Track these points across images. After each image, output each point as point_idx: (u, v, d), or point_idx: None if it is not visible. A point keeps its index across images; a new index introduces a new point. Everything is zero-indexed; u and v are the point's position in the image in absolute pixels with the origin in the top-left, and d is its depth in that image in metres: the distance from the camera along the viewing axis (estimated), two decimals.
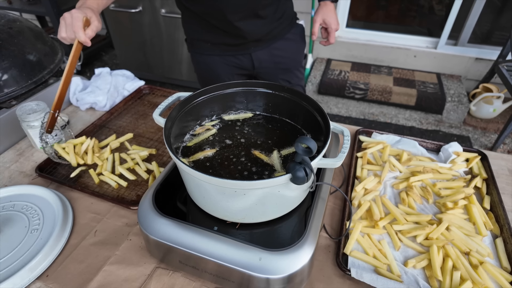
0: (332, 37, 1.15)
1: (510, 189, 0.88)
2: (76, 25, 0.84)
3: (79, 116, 1.19)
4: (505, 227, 0.74)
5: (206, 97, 0.77)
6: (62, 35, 0.87)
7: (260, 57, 1.21)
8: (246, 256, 0.57)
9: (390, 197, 0.84)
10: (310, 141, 0.50)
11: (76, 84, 1.23)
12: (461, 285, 0.63)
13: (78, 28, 0.85)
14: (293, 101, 0.76)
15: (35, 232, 0.75)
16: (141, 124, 1.14)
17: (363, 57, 3.00)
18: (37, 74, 1.06)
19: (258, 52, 1.19)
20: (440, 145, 0.97)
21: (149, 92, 1.31)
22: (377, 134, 1.02)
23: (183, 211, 0.71)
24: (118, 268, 0.70)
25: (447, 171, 0.89)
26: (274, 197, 0.59)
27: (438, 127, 2.57)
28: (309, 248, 0.59)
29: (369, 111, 2.73)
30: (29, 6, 3.04)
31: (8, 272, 0.67)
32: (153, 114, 0.71)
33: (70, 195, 0.86)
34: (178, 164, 0.58)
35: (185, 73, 2.99)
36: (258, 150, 0.72)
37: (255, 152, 0.71)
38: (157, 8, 2.65)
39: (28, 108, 0.96)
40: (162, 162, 0.96)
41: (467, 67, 2.78)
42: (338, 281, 0.67)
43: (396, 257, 0.70)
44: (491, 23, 2.83)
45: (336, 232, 0.77)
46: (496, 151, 1.92)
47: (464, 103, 2.55)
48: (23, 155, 1.01)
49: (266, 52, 1.20)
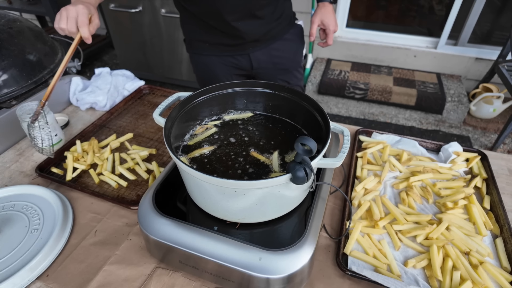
0: (330, 38, 1.15)
1: (510, 189, 0.88)
2: (82, 20, 0.83)
3: (79, 116, 1.19)
4: (505, 227, 0.74)
5: (206, 97, 0.77)
6: (61, 26, 0.84)
7: (258, 57, 1.20)
8: (246, 256, 0.57)
9: (390, 197, 0.84)
10: (310, 141, 0.50)
11: (76, 84, 1.23)
12: (461, 285, 0.63)
13: (83, 23, 0.83)
14: (293, 101, 0.76)
15: (35, 232, 0.75)
16: (141, 124, 1.14)
17: (363, 57, 3.00)
18: (37, 74, 1.06)
19: (256, 53, 1.19)
20: (440, 145, 0.97)
21: (149, 92, 1.31)
22: (377, 134, 1.02)
23: (183, 211, 0.71)
24: (118, 268, 0.70)
25: (447, 171, 0.89)
26: (274, 197, 0.59)
27: (438, 127, 2.57)
28: (309, 248, 0.59)
29: (369, 111, 2.73)
30: (29, 6, 3.04)
31: (8, 272, 0.67)
32: (153, 114, 0.71)
33: (70, 195, 0.86)
34: (178, 164, 0.58)
35: (185, 73, 2.99)
36: (256, 151, 0.72)
37: (253, 153, 0.71)
38: (157, 8, 2.65)
39: (28, 108, 0.96)
40: (162, 162, 0.96)
41: (467, 67, 2.78)
42: (338, 281, 0.67)
43: (396, 257, 0.70)
44: (491, 23, 2.83)
45: (336, 232, 0.77)
46: (496, 151, 1.92)
47: (464, 103, 2.55)
48: (23, 155, 1.01)
49: (264, 52, 1.20)
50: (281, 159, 0.70)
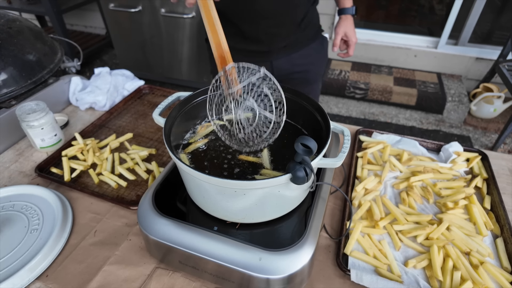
0: (351, 49, 1.16)
1: (510, 189, 0.87)
2: None
3: (78, 116, 1.19)
4: (505, 227, 0.74)
5: (206, 97, 0.76)
6: None
7: (280, 65, 1.18)
8: (246, 256, 0.57)
9: (390, 197, 0.84)
10: (310, 141, 0.50)
11: (75, 84, 1.23)
12: (462, 285, 0.63)
13: None
14: (293, 101, 0.76)
15: (35, 232, 0.75)
16: (141, 124, 1.13)
17: (364, 56, 3.00)
18: (36, 74, 1.06)
19: (279, 61, 1.17)
20: (440, 145, 0.97)
21: (149, 92, 1.31)
22: (378, 134, 1.02)
23: (183, 211, 0.71)
24: (117, 268, 0.70)
25: (447, 171, 0.89)
26: (274, 197, 0.59)
27: (439, 127, 2.57)
28: (309, 248, 0.59)
29: (370, 111, 2.73)
30: (29, 6, 3.04)
31: (7, 272, 0.66)
32: (153, 114, 0.71)
33: (69, 195, 0.86)
34: (178, 164, 0.58)
35: (185, 73, 2.99)
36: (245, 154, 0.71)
37: (242, 157, 0.70)
38: (157, 7, 2.65)
39: (28, 108, 0.95)
40: (162, 162, 0.96)
41: (467, 67, 2.78)
42: (339, 281, 0.67)
43: (396, 257, 0.70)
44: (491, 22, 2.83)
45: (336, 232, 0.77)
46: (496, 151, 1.92)
47: (465, 103, 2.55)
48: (22, 155, 1.01)
49: (287, 60, 1.17)
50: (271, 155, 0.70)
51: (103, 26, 3.70)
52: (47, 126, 0.96)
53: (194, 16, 2.59)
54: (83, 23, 3.96)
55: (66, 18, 3.68)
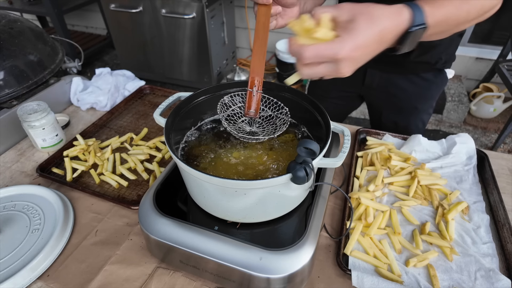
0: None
1: (510, 188, 0.88)
2: None
3: (80, 116, 1.19)
4: (505, 226, 0.74)
5: (207, 97, 0.77)
6: None
7: (374, 76, 1.06)
8: (247, 256, 0.57)
9: (390, 197, 0.84)
10: (313, 144, 0.50)
11: (76, 84, 1.23)
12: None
13: None
14: (293, 101, 0.76)
15: (36, 232, 0.75)
16: (142, 124, 1.14)
17: None
18: (38, 74, 1.07)
19: (375, 70, 1.05)
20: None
21: (150, 92, 1.32)
22: (389, 136, 1.01)
23: (184, 211, 0.71)
24: (119, 267, 0.70)
25: (449, 171, 0.89)
26: (274, 197, 0.59)
27: (439, 127, 2.57)
28: (309, 248, 0.59)
29: None
30: (30, 7, 3.04)
31: (9, 272, 0.67)
32: (154, 114, 0.71)
33: (71, 195, 0.86)
34: (179, 164, 0.59)
35: (185, 73, 2.99)
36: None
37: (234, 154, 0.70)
38: (158, 8, 2.65)
39: (29, 108, 0.96)
40: (162, 162, 0.96)
41: (467, 67, 2.78)
42: (339, 281, 0.67)
43: (397, 256, 0.70)
44: (491, 22, 2.83)
45: (337, 232, 0.77)
46: (496, 150, 1.92)
47: (465, 103, 2.55)
48: (24, 155, 1.02)
49: (383, 76, 1.05)
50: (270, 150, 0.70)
51: (104, 27, 3.70)
52: (48, 126, 0.96)
53: (194, 16, 2.59)
54: (84, 24, 3.97)
55: (67, 19, 3.69)
